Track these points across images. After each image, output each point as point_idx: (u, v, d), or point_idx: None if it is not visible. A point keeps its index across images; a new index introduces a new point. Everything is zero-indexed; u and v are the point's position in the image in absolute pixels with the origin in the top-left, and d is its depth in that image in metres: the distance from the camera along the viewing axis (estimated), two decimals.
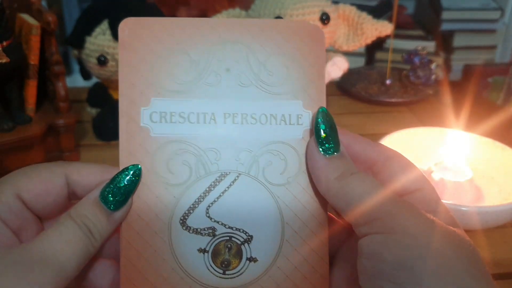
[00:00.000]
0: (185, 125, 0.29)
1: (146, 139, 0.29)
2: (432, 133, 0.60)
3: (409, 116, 0.78)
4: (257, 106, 0.29)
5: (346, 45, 0.68)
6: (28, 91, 0.58)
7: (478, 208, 0.46)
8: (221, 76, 0.29)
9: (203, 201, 0.29)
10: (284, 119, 0.29)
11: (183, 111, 0.29)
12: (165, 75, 0.29)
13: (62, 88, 0.59)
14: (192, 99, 0.29)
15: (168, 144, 0.29)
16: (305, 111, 0.30)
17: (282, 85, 0.30)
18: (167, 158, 0.29)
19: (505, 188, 0.53)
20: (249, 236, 0.28)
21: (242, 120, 0.29)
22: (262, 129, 0.29)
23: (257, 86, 0.30)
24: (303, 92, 0.30)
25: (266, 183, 0.29)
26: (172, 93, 0.29)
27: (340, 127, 0.28)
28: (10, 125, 0.56)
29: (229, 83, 0.29)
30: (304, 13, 0.61)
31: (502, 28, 1.49)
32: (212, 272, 0.28)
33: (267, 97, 0.30)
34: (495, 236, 0.49)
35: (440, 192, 0.51)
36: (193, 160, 0.29)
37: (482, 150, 0.57)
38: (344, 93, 0.86)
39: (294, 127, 0.29)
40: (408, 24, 1.53)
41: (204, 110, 0.29)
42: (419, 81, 0.83)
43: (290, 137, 0.29)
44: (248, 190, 0.29)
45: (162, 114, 0.29)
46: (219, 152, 0.29)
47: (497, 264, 0.45)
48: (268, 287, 0.28)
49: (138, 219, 0.28)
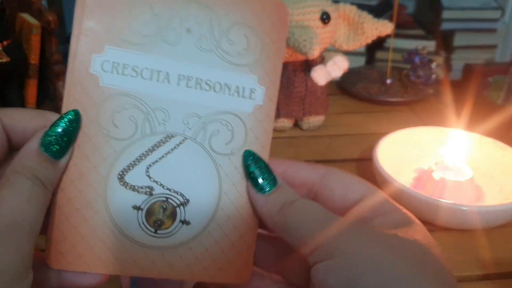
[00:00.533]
0: (137, 79, 0.28)
1: (94, 88, 0.28)
2: (432, 132, 0.60)
3: (410, 116, 0.78)
4: (213, 73, 0.29)
5: (346, 45, 0.68)
6: (29, 90, 0.59)
7: (478, 208, 0.46)
8: (181, 36, 0.29)
9: (145, 159, 0.28)
10: (237, 90, 0.29)
11: (137, 65, 0.28)
12: (124, 25, 0.28)
13: (62, 88, 0.59)
14: (149, 54, 0.28)
15: (116, 96, 0.28)
16: (259, 86, 0.30)
17: (241, 57, 0.29)
18: (113, 111, 0.28)
19: (505, 188, 0.53)
20: (185, 200, 0.29)
21: (196, 84, 0.29)
22: (215, 97, 0.29)
23: (216, 53, 0.29)
24: (260, 67, 0.29)
25: (211, 151, 0.29)
26: (128, 44, 0.28)
27: (272, 158, 0.29)
28: None
29: (189, 45, 0.29)
30: (304, 12, 0.61)
31: (503, 28, 1.49)
32: (143, 230, 0.28)
33: (224, 66, 0.29)
34: (496, 236, 0.49)
35: (440, 191, 0.51)
36: (140, 117, 0.28)
37: (482, 149, 0.57)
38: (344, 92, 0.86)
39: (246, 100, 0.29)
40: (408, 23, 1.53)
41: (159, 68, 0.29)
42: (420, 80, 0.83)
43: (241, 110, 0.29)
44: (192, 155, 0.29)
45: (115, 64, 0.28)
46: (168, 113, 0.29)
47: (497, 264, 0.45)
48: (196, 250, 0.29)
49: (73, 168, 0.27)
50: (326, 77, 0.66)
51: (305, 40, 0.58)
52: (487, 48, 1.51)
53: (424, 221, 0.49)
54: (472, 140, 0.58)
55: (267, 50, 0.30)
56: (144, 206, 0.28)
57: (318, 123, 0.71)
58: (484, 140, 0.58)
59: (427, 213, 0.48)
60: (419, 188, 0.54)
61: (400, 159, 0.57)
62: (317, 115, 0.70)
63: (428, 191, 0.52)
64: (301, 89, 0.67)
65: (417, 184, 0.55)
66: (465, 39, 1.48)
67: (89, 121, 0.27)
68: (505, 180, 0.54)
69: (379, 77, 0.90)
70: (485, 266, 0.45)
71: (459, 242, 0.48)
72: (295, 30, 0.60)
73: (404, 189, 0.48)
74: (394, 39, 0.87)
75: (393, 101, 0.81)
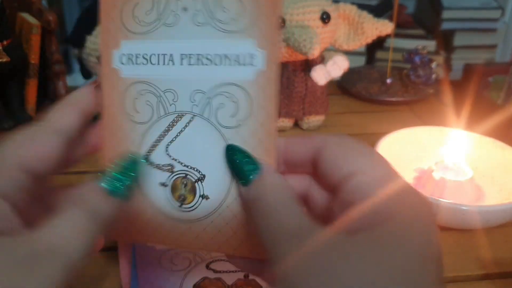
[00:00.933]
0: (148, 66, 0.30)
1: (118, 80, 0.30)
2: (432, 132, 0.60)
3: (410, 115, 0.78)
4: (211, 46, 0.29)
5: (346, 44, 0.68)
6: (29, 90, 0.59)
7: (478, 208, 0.46)
8: (179, 16, 0.29)
9: (163, 139, 0.30)
10: (237, 59, 0.29)
11: (146, 52, 0.30)
12: (131, 18, 0.30)
13: (63, 87, 0.59)
14: (154, 40, 0.30)
15: (134, 84, 0.30)
16: (258, 50, 0.28)
17: (235, 22, 0.29)
18: (133, 98, 0.30)
19: (505, 187, 0.53)
20: (202, 175, 0.30)
21: (197, 61, 0.29)
22: (216, 70, 0.29)
23: (212, 25, 0.29)
24: (257, 29, 0.28)
25: (218, 126, 0.29)
26: (137, 35, 0.30)
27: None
28: (11, 124, 0.56)
29: (186, 23, 0.29)
30: (305, 12, 0.61)
31: (503, 27, 1.49)
32: (171, 204, 0.30)
33: (221, 36, 0.29)
34: (496, 235, 0.49)
35: (440, 191, 0.51)
36: (154, 101, 0.30)
37: (482, 149, 0.57)
38: (344, 92, 0.86)
39: (246, 67, 0.29)
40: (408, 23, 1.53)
41: (163, 51, 0.30)
42: (420, 80, 0.83)
43: (242, 79, 0.29)
44: (202, 131, 0.29)
45: (129, 56, 0.30)
46: (176, 93, 0.30)
47: (498, 263, 0.45)
48: (218, 223, 0.29)
49: (110, 156, 0.30)
50: (326, 77, 0.66)
51: (305, 40, 0.58)
52: (487, 48, 1.51)
53: None
54: (472, 140, 0.58)
55: (262, 10, 0.28)
56: (169, 182, 0.30)
57: (318, 123, 0.71)
58: (484, 140, 0.58)
59: None
60: (419, 188, 0.54)
61: (400, 159, 0.57)
62: (317, 115, 0.70)
63: (428, 191, 0.52)
64: (301, 89, 0.68)
65: (417, 184, 0.55)
66: (465, 39, 1.48)
67: (118, 111, 0.30)
68: (505, 180, 0.54)
69: (379, 77, 0.90)
70: (485, 266, 0.45)
71: (459, 241, 0.48)
72: (295, 30, 0.60)
73: None
74: (394, 39, 0.87)
75: (393, 101, 0.81)
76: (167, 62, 0.30)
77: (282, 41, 0.62)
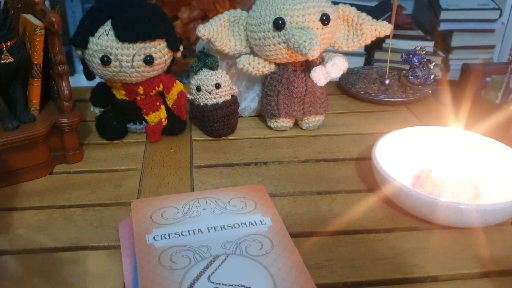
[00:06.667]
0: (180, 238, 0.43)
1: (152, 249, 0.41)
2: (431, 132, 0.61)
3: (408, 115, 0.78)
4: (230, 220, 0.45)
5: (345, 45, 0.69)
6: (32, 90, 0.59)
7: (477, 206, 0.46)
8: (200, 212, 0.46)
9: (204, 273, 0.38)
10: (252, 223, 0.45)
11: (177, 231, 0.43)
12: (160, 218, 0.45)
13: (66, 88, 0.59)
14: (182, 225, 0.44)
15: (169, 248, 0.41)
16: (264, 218, 0.45)
17: (243, 210, 0.46)
18: (170, 255, 0.40)
19: (503, 186, 0.53)
20: (248, 286, 0.37)
21: (221, 229, 0.44)
22: (238, 231, 0.43)
23: (226, 212, 0.46)
24: (259, 211, 0.46)
25: (250, 255, 0.40)
26: (166, 224, 0.44)
27: None
28: (15, 124, 0.56)
29: (207, 214, 0.46)
30: (305, 13, 0.62)
31: (501, 28, 1.49)
32: None
33: (235, 215, 0.46)
34: (494, 234, 0.49)
35: (439, 190, 0.52)
36: (190, 253, 0.41)
37: (480, 148, 0.58)
38: (344, 92, 0.86)
39: (260, 226, 0.44)
40: (407, 24, 1.53)
41: (192, 228, 0.44)
42: (418, 80, 0.84)
43: (259, 232, 0.43)
44: (238, 261, 0.40)
45: (162, 235, 0.43)
46: (209, 247, 0.41)
47: (496, 262, 0.45)
48: None
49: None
50: (325, 77, 0.67)
51: (305, 41, 0.59)
52: (485, 48, 1.52)
53: (423, 219, 0.50)
54: (471, 140, 0.58)
55: (258, 205, 0.47)
56: None
57: (318, 123, 0.72)
58: (483, 139, 0.58)
59: (426, 211, 0.48)
60: (418, 187, 0.54)
61: (399, 159, 0.58)
62: (317, 115, 0.71)
63: (427, 190, 0.53)
64: (301, 89, 0.68)
65: (416, 183, 0.55)
66: (463, 40, 1.49)
67: (153, 266, 0.39)
68: (504, 179, 0.54)
69: (378, 77, 0.90)
70: (483, 264, 0.45)
71: (457, 240, 0.48)
72: (295, 31, 0.61)
73: (403, 188, 0.49)
74: (393, 40, 0.87)
75: (392, 101, 0.82)
76: (197, 232, 0.43)
77: (282, 42, 0.63)
